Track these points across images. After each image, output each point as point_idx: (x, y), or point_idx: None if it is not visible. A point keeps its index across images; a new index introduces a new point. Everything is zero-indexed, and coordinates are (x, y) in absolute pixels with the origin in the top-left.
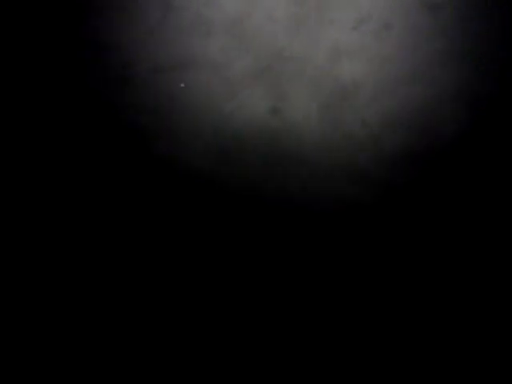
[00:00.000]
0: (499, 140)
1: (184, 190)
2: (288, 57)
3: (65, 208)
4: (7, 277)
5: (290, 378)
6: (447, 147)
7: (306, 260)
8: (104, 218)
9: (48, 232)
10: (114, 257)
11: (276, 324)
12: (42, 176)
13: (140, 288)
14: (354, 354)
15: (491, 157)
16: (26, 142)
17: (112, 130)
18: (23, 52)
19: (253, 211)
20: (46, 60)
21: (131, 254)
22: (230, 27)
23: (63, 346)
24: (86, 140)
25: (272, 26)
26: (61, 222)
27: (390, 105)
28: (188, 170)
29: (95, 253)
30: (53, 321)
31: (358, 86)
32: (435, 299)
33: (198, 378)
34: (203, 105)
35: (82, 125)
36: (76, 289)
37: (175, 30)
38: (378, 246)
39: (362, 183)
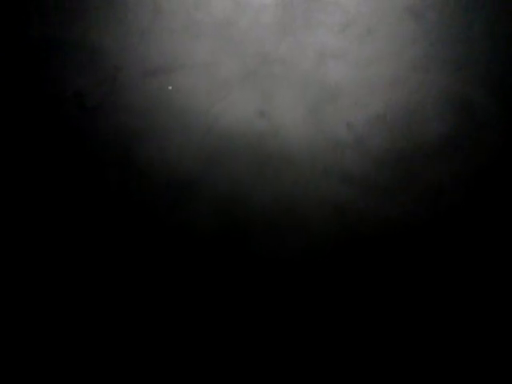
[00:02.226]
0: (482, 142)
1: (174, 189)
2: (275, 60)
3: (47, 211)
4: None
5: None
6: (431, 149)
7: (291, 261)
8: (88, 223)
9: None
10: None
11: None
12: (27, 176)
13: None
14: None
15: (475, 158)
16: (12, 144)
17: (101, 132)
18: (11, 53)
19: (241, 212)
20: (35, 62)
21: (110, 262)
22: (218, 30)
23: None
24: (75, 142)
25: (259, 30)
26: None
27: (374, 108)
28: (176, 171)
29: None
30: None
31: (342, 89)
32: (430, 301)
33: None
34: (192, 107)
35: (70, 127)
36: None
37: (165, 33)
38: (364, 248)
39: (346, 184)
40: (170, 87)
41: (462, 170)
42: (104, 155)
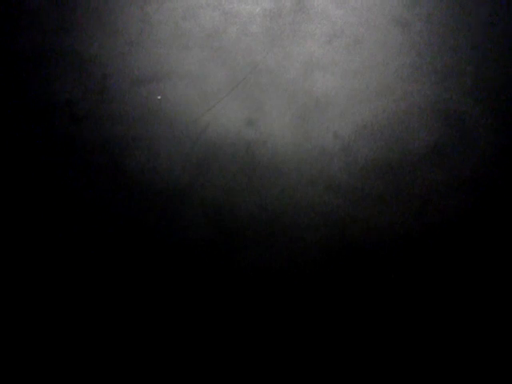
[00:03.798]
0: (469, 151)
1: (163, 198)
2: (263, 70)
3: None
4: None
5: None
6: (417, 158)
7: (280, 269)
8: (77, 232)
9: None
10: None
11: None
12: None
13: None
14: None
15: (462, 167)
16: (1, 152)
17: (91, 140)
18: (1, 62)
19: (229, 220)
20: (25, 71)
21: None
22: (206, 40)
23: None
24: (65, 150)
25: (248, 40)
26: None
27: (361, 117)
28: (166, 179)
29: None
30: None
31: (330, 99)
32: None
33: None
34: (180, 116)
35: (60, 135)
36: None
37: (153, 43)
38: (352, 257)
39: (333, 193)
40: (159, 97)
41: (449, 178)
42: (93, 163)
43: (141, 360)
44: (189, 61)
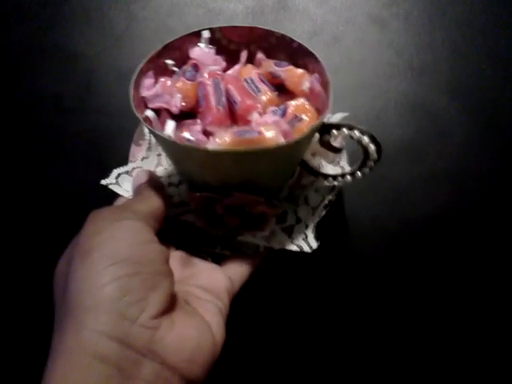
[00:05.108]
0: (444, 146)
1: None
2: None
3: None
4: None
5: None
6: (394, 152)
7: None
8: (63, 225)
9: None
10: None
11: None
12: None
13: None
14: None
15: (437, 161)
16: None
17: (77, 132)
18: None
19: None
20: (14, 66)
21: None
22: None
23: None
24: (52, 142)
25: None
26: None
27: (339, 112)
28: None
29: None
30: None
31: None
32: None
33: None
34: None
35: (47, 128)
36: None
37: (139, 39)
38: (333, 248)
39: None
40: None
41: (424, 172)
42: (79, 153)
43: None
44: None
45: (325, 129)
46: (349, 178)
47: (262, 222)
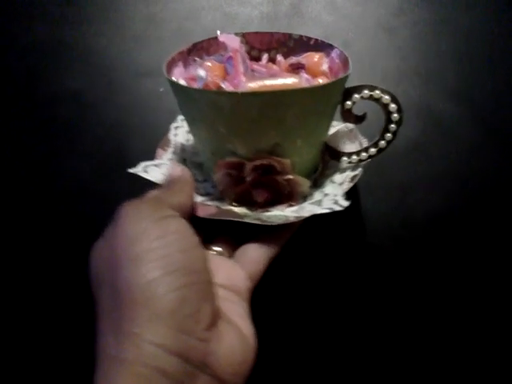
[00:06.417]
0: (447, 148)
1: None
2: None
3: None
4: None
5: None
6: (400, 153)
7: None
8: (78, 216)
9: None
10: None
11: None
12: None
13: None
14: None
15: (440, 161)
16: (12, 138)
17: (97, 127)
18: (15, 54)
19: None
20: (37, 63)
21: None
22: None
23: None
24: (71, 137)
25: None
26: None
27: None
28: None
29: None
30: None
31: None
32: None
33: None
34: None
35: (68, 123)
36: None
37: (157, 40)
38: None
39: None
40: (162, 89)
41: (429, 172)
42: (98, 148)
43: None
44: None
45: (346, 94)
46: (373, 149)
47: (290, 197)
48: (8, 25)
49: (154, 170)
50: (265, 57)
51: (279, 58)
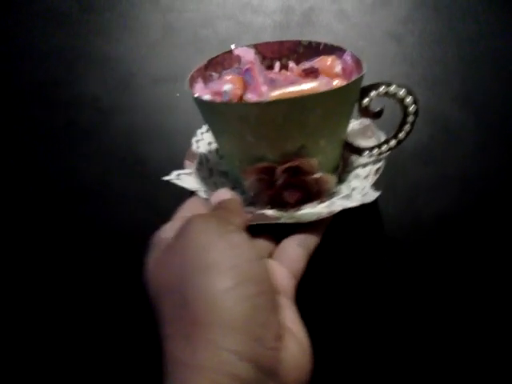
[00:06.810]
0: (454, 151)
1: (177, 187)
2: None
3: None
4: None
5: None
6: (408, 155)
7: None
8: (91, 216)
9: None
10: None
11: None
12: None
13: None
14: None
15: (446, 163)
16: (31, 139)
17: (115, 131)
18: (37, 60)
19: None
20: (58, 69)
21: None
22: (221, 46)
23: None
24: (91, 140)
25: None
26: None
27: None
28: (182, 166)
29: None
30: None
31: None
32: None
33: None
34: (196, 111)
35: (87, 127)
36: None
37: (173, 47)
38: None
39: None
40: (178, 94)
41: (436, 174)
42: (116, 152)
43: (141, 361)
44: None
45: (363, 92)
46: (393, 141)
47: (318, 195)
48: (28, 32)
49: (186, 178)
50: (277, 65)
51: (291, 64)
